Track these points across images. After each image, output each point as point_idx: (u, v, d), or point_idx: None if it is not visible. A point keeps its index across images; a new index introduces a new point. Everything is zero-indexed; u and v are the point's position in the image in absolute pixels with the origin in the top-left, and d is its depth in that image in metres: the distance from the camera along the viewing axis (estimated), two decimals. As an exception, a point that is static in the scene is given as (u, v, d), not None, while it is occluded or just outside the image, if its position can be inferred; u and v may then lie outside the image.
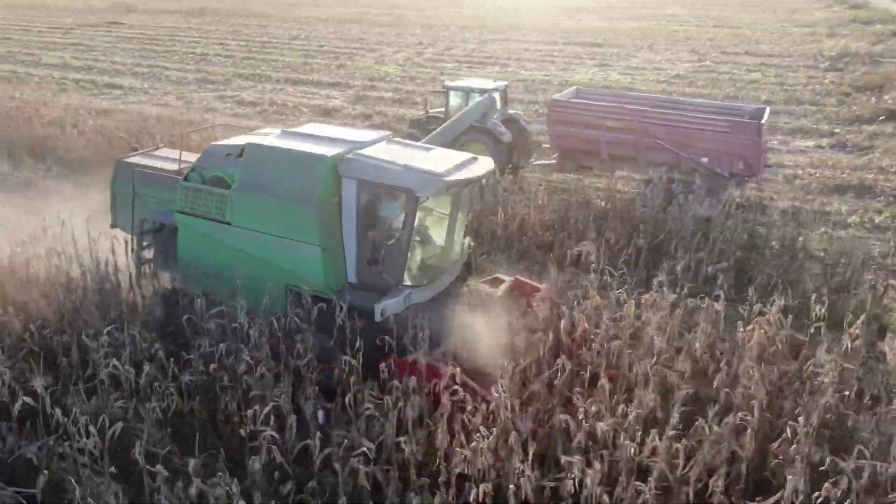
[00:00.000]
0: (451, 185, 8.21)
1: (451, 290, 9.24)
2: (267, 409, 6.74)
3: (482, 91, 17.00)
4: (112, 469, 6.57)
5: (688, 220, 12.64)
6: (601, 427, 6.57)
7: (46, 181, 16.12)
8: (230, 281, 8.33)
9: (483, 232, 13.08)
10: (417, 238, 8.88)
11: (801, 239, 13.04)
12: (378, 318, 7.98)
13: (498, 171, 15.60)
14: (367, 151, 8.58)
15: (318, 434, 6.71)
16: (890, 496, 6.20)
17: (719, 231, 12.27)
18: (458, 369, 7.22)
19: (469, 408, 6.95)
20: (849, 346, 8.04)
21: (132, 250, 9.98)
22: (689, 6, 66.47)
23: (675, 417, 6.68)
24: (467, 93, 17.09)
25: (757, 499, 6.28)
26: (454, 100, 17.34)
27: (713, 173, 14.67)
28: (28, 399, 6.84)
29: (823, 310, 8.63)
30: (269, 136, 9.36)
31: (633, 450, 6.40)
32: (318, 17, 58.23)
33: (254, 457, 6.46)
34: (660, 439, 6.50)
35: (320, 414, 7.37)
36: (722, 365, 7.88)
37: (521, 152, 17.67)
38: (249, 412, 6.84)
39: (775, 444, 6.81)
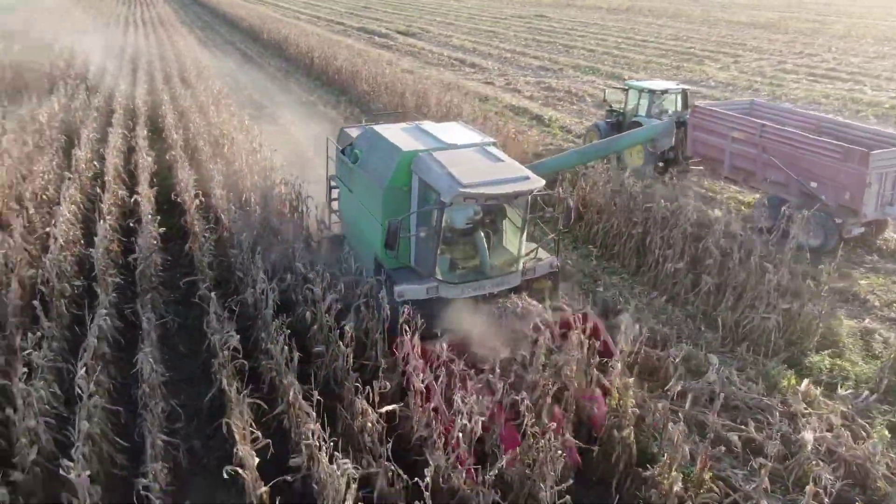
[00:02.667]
0: (468, 196, 8.44)
1: (498, 295, 9.25)
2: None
3: (651, 91, 18.16)
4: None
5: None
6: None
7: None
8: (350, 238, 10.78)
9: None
10: (465, 240, 9.37)
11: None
12: (396, 297, 8.74)
13: (652, 171, 17.21)
14: (442, 153, 9.11)
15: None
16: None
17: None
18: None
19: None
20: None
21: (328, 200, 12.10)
22: None
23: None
24: (639, 91, 18.43)
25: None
26: (632, 98, 18.79)
27: (819, 200, 13.75)
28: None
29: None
30: (396, 128, 10.44)
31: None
32: (732, 20, 57.39)
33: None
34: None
35: None
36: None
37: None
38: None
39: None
